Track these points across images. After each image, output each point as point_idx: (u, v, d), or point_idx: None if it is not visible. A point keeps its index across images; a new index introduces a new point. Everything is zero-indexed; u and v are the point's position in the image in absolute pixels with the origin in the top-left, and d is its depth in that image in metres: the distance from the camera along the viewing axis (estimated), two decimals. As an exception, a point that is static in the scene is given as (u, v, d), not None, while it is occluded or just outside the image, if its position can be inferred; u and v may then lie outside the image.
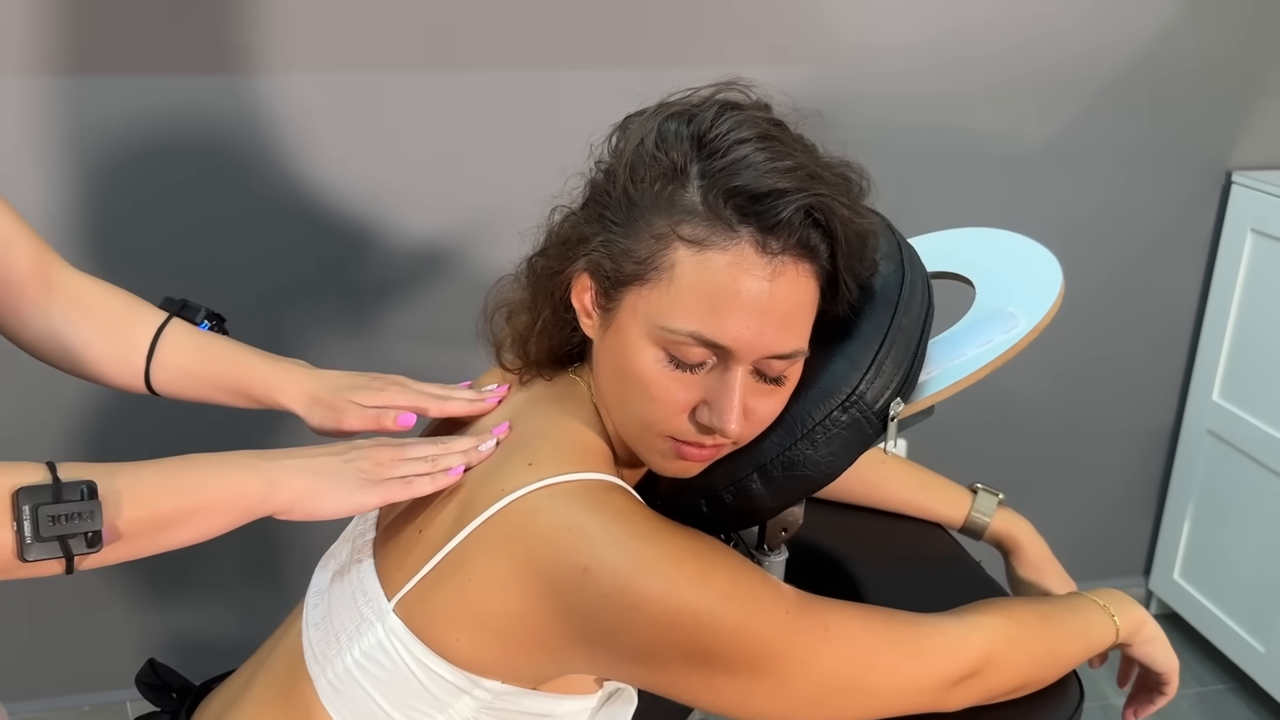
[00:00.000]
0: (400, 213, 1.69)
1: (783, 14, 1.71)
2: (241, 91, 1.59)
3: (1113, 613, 0.95)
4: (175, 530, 0.78)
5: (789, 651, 0.77)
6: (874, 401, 0.81)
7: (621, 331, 0.79)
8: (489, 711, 0.81)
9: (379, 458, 0.83)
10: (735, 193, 0.75)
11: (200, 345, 0.99)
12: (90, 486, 0.73)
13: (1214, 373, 2.05)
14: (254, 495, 0.79)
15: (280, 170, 1.63)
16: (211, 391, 1.00)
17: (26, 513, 0.71)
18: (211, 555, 1.85)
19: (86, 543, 0.73)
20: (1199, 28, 1.87)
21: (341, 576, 0.89)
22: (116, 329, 0.98)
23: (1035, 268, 0.91)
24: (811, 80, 1.74)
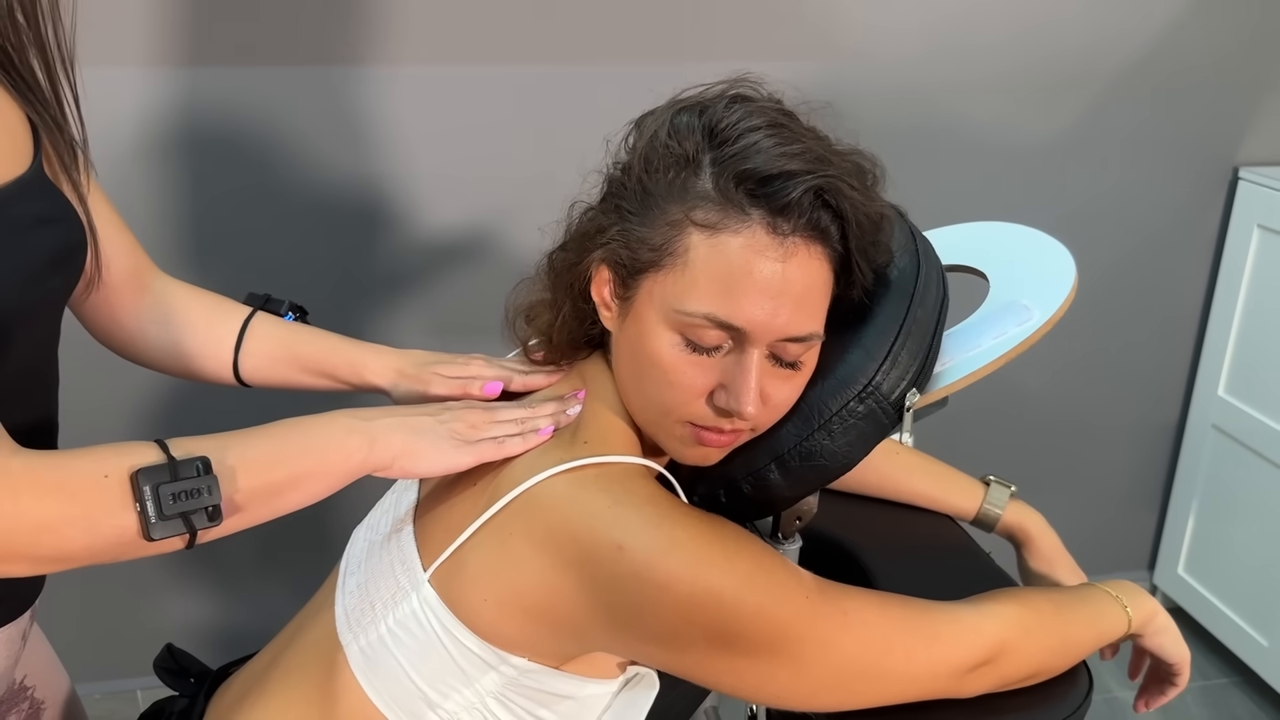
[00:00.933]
0: (419, 207, 1.70)
1: (788, 9, 1.72)
2: (261, 84, 1.59)
3: (1125, 603, 0.96)
4: (286, 496, 0.79)
5: (808, 635, 0.78)
6: (890, 392, 0.81)
7: (639, 319, 0.80)
8: (514, 689, 0.83)
9: (472, 419, 0.84)
10: (745, 176, 0.76)
11: (285, 333, 1.03)
12: (205, 462, 0.74)
13: (1219, 368, 2.06)
14: (357, 456, 0.80)
15: (303, 163, 1.64)
16: (299, 375, 1.03)
17: (148, 493, 0.71)
18: (224, 545, 1.86)
19: (208, 517, 0.74)
20: (1206, 23, 1.87)
21: (381, 545, 0.91)
22: (204, 326, 1.02)
23: (1048, 260, 0.92)
24: (818, 74, 1.74)
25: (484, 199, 1.72)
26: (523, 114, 1.69)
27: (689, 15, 1.68)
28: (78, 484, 0.71)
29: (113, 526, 0.71)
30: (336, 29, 1.59)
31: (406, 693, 0.85)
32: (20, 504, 0.69)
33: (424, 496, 0.92)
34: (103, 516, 0.71)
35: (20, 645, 0.96)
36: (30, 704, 1.04)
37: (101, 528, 0.71)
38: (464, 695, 0.84)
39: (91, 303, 0.97)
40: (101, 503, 0.71)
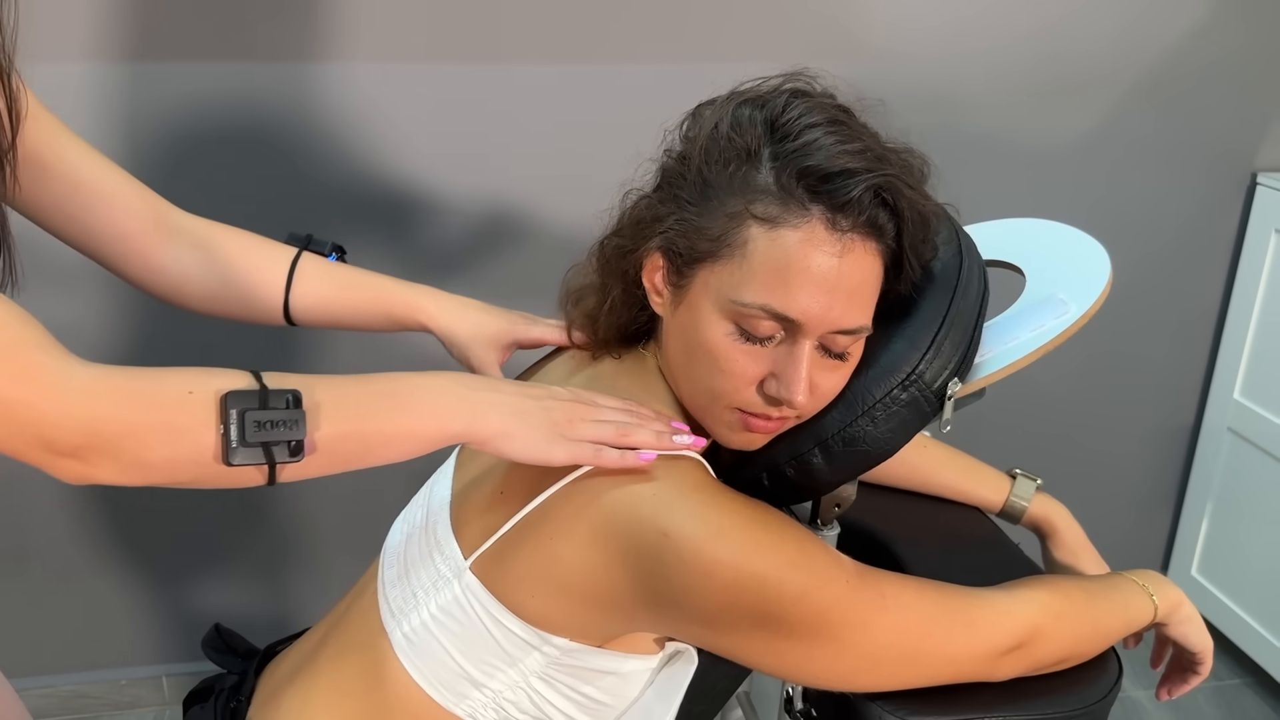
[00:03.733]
0: (421, 206, 1.72)
1: (817, 11, 1.74)
2: (289, 79, 1.62)
3: (1151, 592, 0.99)
4: (374, 450, 0.78)
5: (848, 618, 0.81)
6: (933, 381, 0.84)
7: (693, 307, 0.83)
8: (557, 667, 0.85)
9: (572, 413, 0.82)
10: (807, 173, 0.78)
11: (337, 274, 1.05)
12: (296, 395, 0.74)
13: (1235, 371, 2.08)
14: (454, 425, 0.79)
15: (328, 158, 1.67)
16: (351, 314, 1.05)
17: (234, 417, 0.72)
18: (248, 534, 1.89)
19: (289, 451, 0.73)
20: (1226, 30, 1.89)
21: (417, 537, 0.93)
22: (250, 266, 1.03)
23: (1084, 255, 0.94)
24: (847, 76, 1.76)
25: (490, 197, 1.74)
26: (537, 113, 1.71)
27: (704, 16, 1.70)
28: (159, 395, 0.71)
29: (193, 444, 0.71)
30: (333, 24, 1.61)
31: (451, 674, 0.87)
32: (98, 408, 0.69)
33: (459, 486, 0.94)
34: (184, 431, 0.71)
35: None
36: None
37: (182, 440, 0.71)
38: (508, 675, 0.86)
39: (122, 255, 0.99)
40: (184, 417, 0.71)
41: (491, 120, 1.69)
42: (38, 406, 0.68)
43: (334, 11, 1.60)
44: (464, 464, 0.97)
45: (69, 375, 0.69)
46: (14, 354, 0.68)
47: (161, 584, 1.89)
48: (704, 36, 1.72)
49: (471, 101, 1.68)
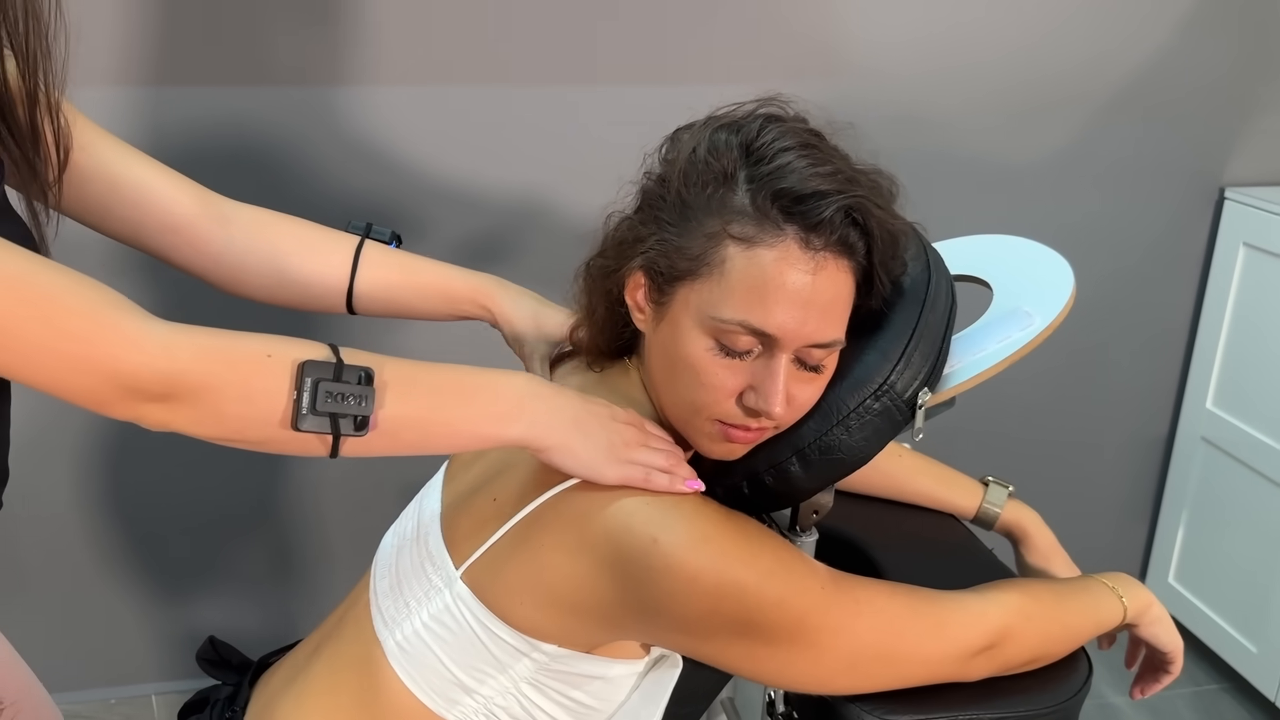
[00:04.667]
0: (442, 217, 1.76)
1: (794, 33, 1.79)
2: (291, 103, 1.65)
3: (1120, 594, 1.02)
4: (434, 440, 0.81)
5: (824, 623, 0.84)
6: (903, 391, 0.87)
7: (674, 323, 0.86)
8: (546, 673, 0.88)
9: (631, 437, 0.84)
10: (781, 195, 0.82)
11: (402, 260, 1.06)
12: (368, 373, 0.77)
13: (1208, 381, 2.12)
14: (514, 431, 0.82)
15: (328, 179, 1.70)
16: (417, 301, 1.06)
17: (308, 385, 0.75)
18: (238, 552, 1.91)
19: (355, 425, 0.76)
20: (1193, 48, 1.95)
21: (409, 548, 0.96)
22: (311, 253, 1.04)
23: (1047, 270, 0.98)
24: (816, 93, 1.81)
25: (478, 217, 1.78)
26: (528, 133, 1.75)
27: (687, 37, 1.75)
28: (239, 355, 0.75)
29: (266, 405, 0.75)
30: (329, 50, 1.65)
31: (443, 681, 0.90)
32: (180, 359, 0.73)
33: (450, 498, 0.97)
34: (259, 391, 0.75)
35: None
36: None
37: (256, 400, 0.75)
38: (499, 681, 0.89)
39: (173, 247, 1.01)
40: (260, 378, 0.75)
41: (493, 139, 1.73)
42: (121, 358, 0.72)
43: (342, 39, 1.63)
44: (454, 475, 1.00)
45: (147, 330, 0.73)
46: (91, 311, 0.72)
47: (151, 602, 1.90)
48: (686, 59, 1.76)
49: (475, 121, 1.72)
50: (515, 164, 1.75)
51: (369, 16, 1.63)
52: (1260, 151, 2.05)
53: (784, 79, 1.77)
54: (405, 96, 1.69)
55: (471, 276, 1.07)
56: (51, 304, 0.71)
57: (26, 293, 0.70)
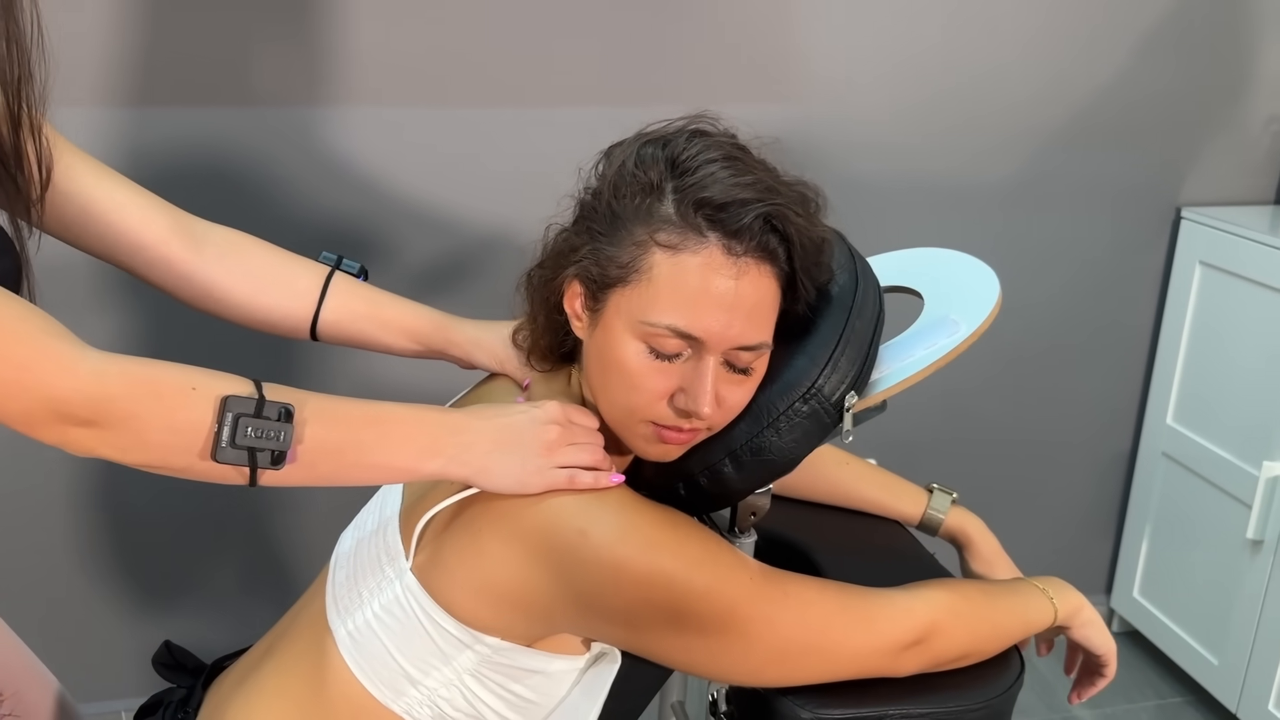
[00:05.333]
0: (412, 236, 1.80)
1: (758, 60, 1.83)
2: (261, 123, 1.69)
3: (1051, 595, 1.05)
4: (351, 473, 0.84)
5: (753, 613, 0.87)
6: (831, 394, 0.91)
7: (608, 329, 0.89)
8: (488, 665, 0.91)
9: (550, 438, 0.87)
10: (703, 203, 0.86)
11: (368, 294, 1.10)
12: (288, 409, 0.80)
13: (1168, 398, 2.16)
14: (432, 465, 0.85)
15: (300, 199, 1.73)
16: (380, 333, 1.09)
17: (229, 419, 0.78)
18: (208, 568, 1.93)
19: (272, 459, 0.80)
20: (1149, 73, 2.00)
21: (368, 542, 0.99)
22: (282, 280, 1.08)
23: (976, 280, 1.02)
24: (785, 118, 1.86)
25: (454, 236, 1.82)
26: (498, 153, 1.79)
27: (656, 64, 1.79)
28: (165, 386, 0.79)
29: (188, 436, 0.78)
30: (305, 72, 1.69)
31: (390, 671, 0.92)
32: (108, 386, 0.76)
33: (410, 498, 0.99)
34: (183, 423, 0.78)
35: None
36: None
37: (179, 431, 0.78)
38: (442, 673, 0.91)
39: (145, 264, 1.04)
40: (184, 410, 0.79)
41: (457, 159, 1.77)
42: (54, 383, 0.75)
43: (317, 61, 1.67)
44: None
45: (80, 358, 0.77)
46: (30, 338, 0.76)
47: (119, 618, 1.92)
48: (657, 85, 1.80)
49: (451, 144, 1.76)
50: (488, 186, 1.79)
51: (344, 39, 1.68)
52: (1215, 173, 2.10)
53: (747, 103, 1.83)
54: (379, 118, 1.73)
55: (435, 314, 1.11)
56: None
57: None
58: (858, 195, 1.94)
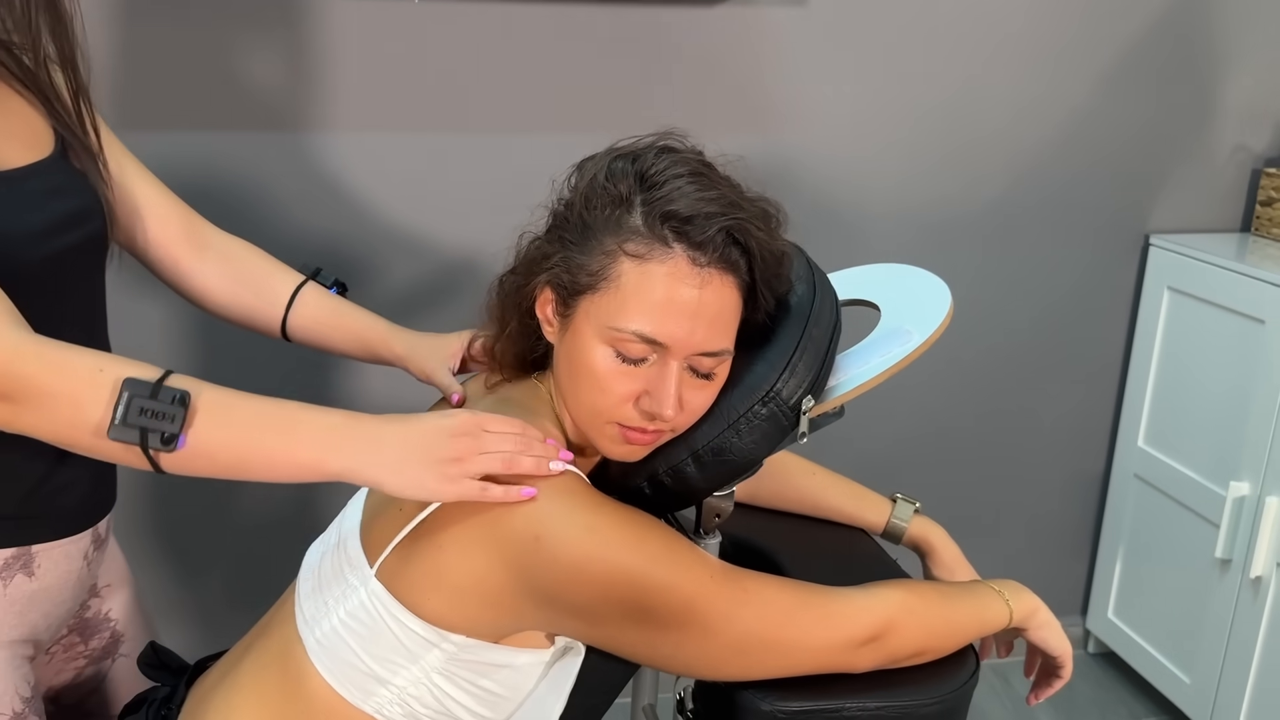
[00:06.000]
0: (393, 256, 1.84)
1: (737, 92, 1.89)
2: (247, 146, 1.74)
3: (1007, 597, 1.09)
4: (251, 465, 0.87)
5: (712, 608, 0.90)
6: (789, 398, 0.95)
7: (577, 334, 0.94)
8: (455, 662, 0.94)
9: (460, 451, 0.87)
10: (670, 216, 0.90)
11: (333, 305, 1.20)
12: (184, 396, 0.84)
13: (1139, 420, 2.21)
14: (335, 464, 0.87)
15: (287, 219, 1.78)
16: (337, 339, 1.19)
17: (124, 399, 0.83)
18: (194, 576, 1.96)
19: (162, 440, 0.84)
20: (1117, 104, 2.06)
21: (330, 554, 1.02)
22: (262, 284, 1.19)
23: (930, 293, 1.06)
24: (764, 148, 1.91)
25: (440, 257, 1.87)
26: (482, 177, 1.84)
27: (634, 94, 1.85)
28: (75, 367, 0.84)
29: (88, 414, 0.84)
30: (294, 97, 1.75)
31: (359, 674, 0.95)
32: (24, 364, 0.82)
33: (369, 512, 1.03)
34: (85, 401, 0.84)
35: (82, 566, 1.08)
36: (111, 635, 1.18)
37: (81, 408, 0.84)
38: (411, 671, 0.94)
39: (155, 260, 1.15)
40: (88, 389, 0.84)
41: (441, 182, 1.82)
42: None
43: (306, 87, 1.73)
44: (373, 492, 1.06)
45: (5, 336, 0.82)
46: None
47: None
48: (647, 115, 1.86)
49: (437, 168, 1.81)
50: (467, 209, 1.85)
51: (332, 65, 1.73)
52: (1181, 201, 2.16)
53: (729, 134, 1.88)
54: (367, 143, 1.78)
55: (384, 326, 1.20)
56: None
57: None
58: (836, 225, 1.99)
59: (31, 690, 1.05)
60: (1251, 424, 1.93)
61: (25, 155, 0.99)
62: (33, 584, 1.02)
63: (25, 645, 1.05)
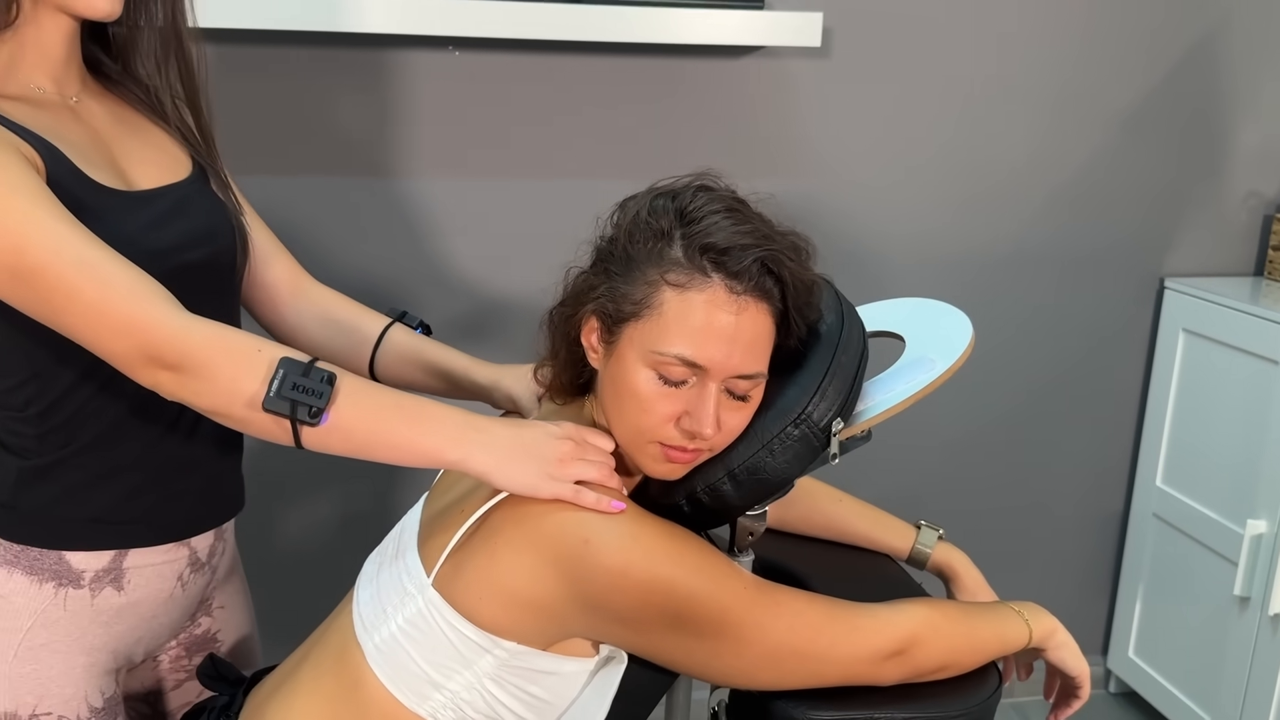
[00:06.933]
0: (459, 291, 1.92)
1: (766, 138, 1.97)
2: (312, 190, 1.83)
3: (1026, 618, 1.14)
4: (379, 446, 0.96)
5: (746, 618, 0.96)
6: (819, 420, 1.01)
7: (621, 359, 1.00)
8: (506, 669, 0.99)
9: (563, 453, 0.97)
10: (708, 248, 0.97)
11: (417, 343, 1.28)
12: (332, 376, 0.94)
13: (1156, 460, 2.25)
14: (452, 454, 0.96)
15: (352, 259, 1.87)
16: (420, 376, 1.26)
17: (279, 374, 0.93)
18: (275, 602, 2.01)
19: (309, 413, 0.93)
20: (1132, 151, 2.13)
21: (389, 564, 1.08)
22: (351, 327, 1.28)
23: (953, 324, 1.13)
24: (792, 193, 1.99)
25: (496, 292, 1.94)
26: (528, 220, 1.92)
27: (670, 142, 1.94)
28: (237, 345, 0.94)
29: (246, 387, 0.93)
30: (344, 145, 1.84)
31: (415, 678, 1.01)
32: (194, 339, 0.92)
33: (425, 521, 1.09)
34: (245, 375, 0.94)
35: (175, 587, 1.15)
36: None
37: (241, 381, 0.94)
38: (464, 676, 1.00)
39: (257, 301, 1.26)
40: (247, 365, 0.93)
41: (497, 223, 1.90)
42: (150, 330, 0.92)
43: (354, 139, 1.82)
44: (431, 503, 1.12)
45: (175, 315, 0.94)
46: (137, 297, 0.93)
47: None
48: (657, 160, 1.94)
49: (483, 209, 1.89)
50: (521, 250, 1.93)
51: (399, 116, 1.82)
52: (1195, 245, 2.22)
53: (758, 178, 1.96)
54: (437, 188, 1.87)
55: (462, 360, 1.27)
56: (112, 284, 0.92)
57: (97, 273, 0.92)
58: (859, 267, 2.06)
59: (105, 702, 1.10)
60: (1267, 462, 1.97)
61: (160, 178, 1.10)
62: (120, 598, 1.08)
63: (108, 656, 1.10)
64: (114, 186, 1.04)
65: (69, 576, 1.06)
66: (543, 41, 1.82)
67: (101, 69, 1.12)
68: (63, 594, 1.06)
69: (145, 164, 1.10)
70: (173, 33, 1.10)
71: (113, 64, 1.13)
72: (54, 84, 1.05)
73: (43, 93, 1.04)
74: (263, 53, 1.76)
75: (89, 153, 1.04)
